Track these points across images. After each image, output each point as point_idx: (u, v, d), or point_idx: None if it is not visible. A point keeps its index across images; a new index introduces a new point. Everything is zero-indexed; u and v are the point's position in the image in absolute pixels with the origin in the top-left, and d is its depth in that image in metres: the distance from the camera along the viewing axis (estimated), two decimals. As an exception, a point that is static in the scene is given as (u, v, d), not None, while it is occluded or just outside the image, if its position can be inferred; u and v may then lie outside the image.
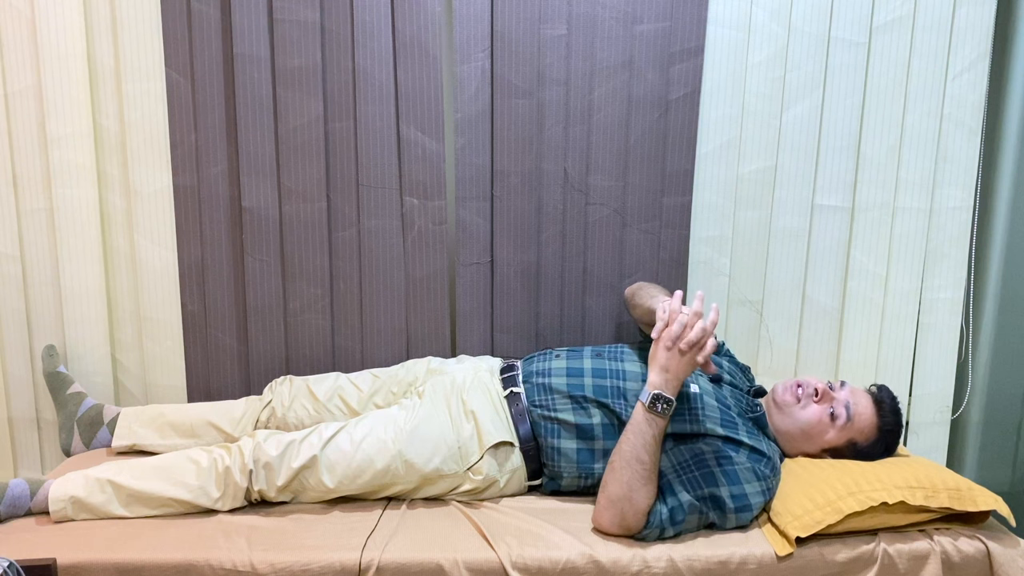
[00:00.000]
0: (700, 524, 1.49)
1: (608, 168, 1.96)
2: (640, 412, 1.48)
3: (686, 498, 1.47)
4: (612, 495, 1.46)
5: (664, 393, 1.46)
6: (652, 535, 1.46)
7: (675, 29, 1.90)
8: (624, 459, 1.46)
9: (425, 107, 1.92)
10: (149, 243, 1.97)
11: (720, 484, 1.48)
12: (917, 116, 1.98)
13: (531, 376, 1.69)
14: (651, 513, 1.46)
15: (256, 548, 1.40)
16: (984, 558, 1.43)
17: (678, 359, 1.47)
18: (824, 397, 1.62)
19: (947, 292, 2.07)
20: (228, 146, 1.93)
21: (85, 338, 1.98)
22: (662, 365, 1.48)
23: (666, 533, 1.46)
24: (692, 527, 1.48)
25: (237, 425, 1.82)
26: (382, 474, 1.55)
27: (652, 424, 1.46)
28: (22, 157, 1.93)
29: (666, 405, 1.46)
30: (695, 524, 1.48)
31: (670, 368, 1.47)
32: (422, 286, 1.99)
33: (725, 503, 1.47)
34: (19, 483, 1.52)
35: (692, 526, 1.48)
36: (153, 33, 1.89)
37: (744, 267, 2.03)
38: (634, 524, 1.45)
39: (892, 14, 1.93)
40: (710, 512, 1.48)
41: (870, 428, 1.62)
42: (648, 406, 1.47)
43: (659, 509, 1.47)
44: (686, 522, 1.47)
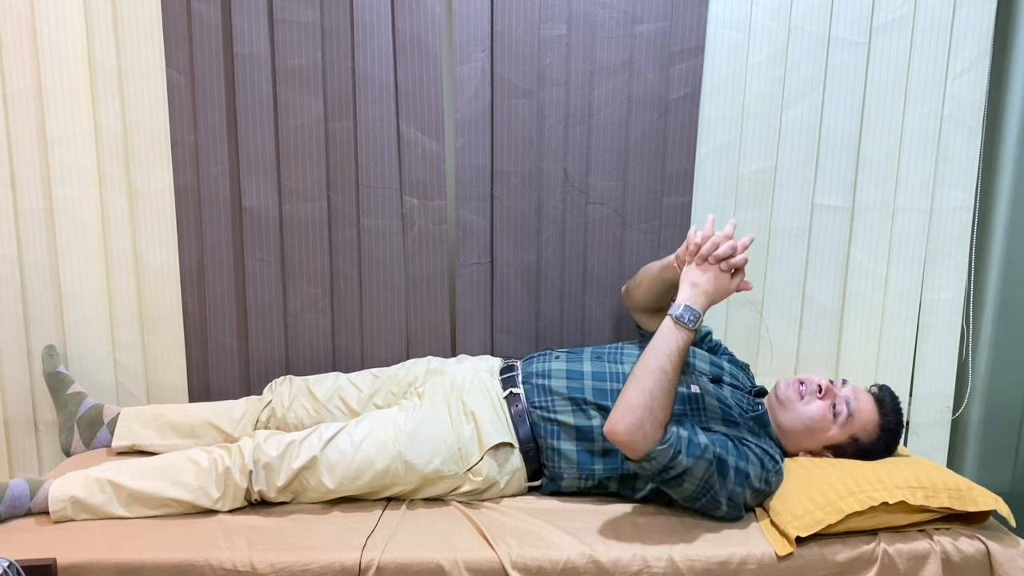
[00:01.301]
0: (702, 482, 1.45)
1: (608, 168, 1.96)
2: (668, 323, 1.48)
3: (704, 439, 1.46)
4: (632, 402, 1.42)
5: (692, 305, 1.47)
6: (664, 454, 1.41)
7: (675, 29, 1.90)
8: (648, 368, 1.44)
9: (425, 107, 1.92)
10: (149, 243, 1.97)
11: (729, 452, 1.48)
12: (917, 116, 1.98)
13: (531, 377, 1.69)
14: (668, 431, 1.43)
15: (256, 548, 1.40)
16: (984, 558, 1.43)
17: (709, 274, 1.50)
18: (827, 393, 1.62)
19: (947, 292, 2.07)
20: (228, 146, 1.93)
21: (85, 338, 1.98)
22: (692, 280, 1.51)
23: (675, 462, 1.42)
24: (696, 478, 1.44)
25: (237, 425, 1.82)
26: (382, 475, 1.55)
27: (678, 336, 1.46)
28: (22, 157, 1.93)
29: (693, 317, 1.47)
30: (699, 476, 1.44)
31: (700, 283, 1.50)
32: (422, 286, 1.99)
33: (728, 472, 1.46)
34: (19, 483, 1.52)
35: (697, 476, 1.44)
36: (153, 33, 1.89)
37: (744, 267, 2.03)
38: (651, 433, 1.41)
39: (892, 14, 1.93)
40: (714, 474, 1.45)
41: (872, 425, 1.62)
42: (676, 318, 1.47)
43: (677, 430, 1.44)
44: (695, 466, 1.43)
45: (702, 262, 1.52)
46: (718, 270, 1.51)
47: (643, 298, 1.81)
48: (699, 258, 1.52)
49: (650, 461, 1.42)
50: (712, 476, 1.46)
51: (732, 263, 1.51)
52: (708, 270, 1.51)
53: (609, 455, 1.59)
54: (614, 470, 1.59)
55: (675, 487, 1.47)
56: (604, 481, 1.61)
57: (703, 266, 1.52)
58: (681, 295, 1.51)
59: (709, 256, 1.51)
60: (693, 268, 1.53)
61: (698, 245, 1.53)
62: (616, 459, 1.59)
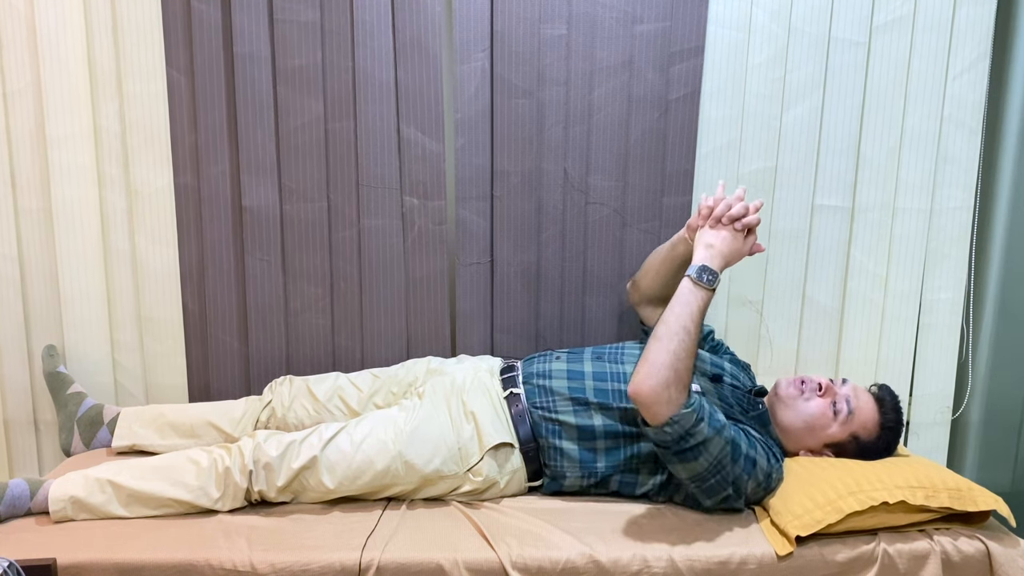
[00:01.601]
0: (715, 460, 1.44)
1: (608, 168, 1.96)
2: (686, 285, 1.49)
3: (723, 417, 1.47)
4: (657, 363, 1.41)
5: (709, 265, 1.49)
6: (687, 419, 1.40)
7: (675, 29, 1.90)
8: (670, 329, 1.44)
9: (425, 107, 1.92)
10: (150, 243, 1.97)
11: (741, 438, 1.49)
12: (917, 116, 1.98)
13: (531, 377, 1.69)
14: (691, 395, 1.43)
15: (256, 548, 1.40)
16: (984, 558, 1.43)
17: (723, 234, 1.53)
18: (827, 392, 1.62)
19: (947, 292, 2.07)
20: (228, 146, 1.93)
21: (85, 338, 1.98)
22: (707, 242, 1.53)
23: (696, 429, 1.41)
24: (712, 454, 1.43)
25: (237, 425, 1.81)
26: (382, 475, 1.55)
27: (698, 296, 1.47)
28: (22, 157, 1.93)
29: (711, 276, 1.48)
30: (715, 453, 1.44)
31: (715, 244, 1.53)
32: (422, 286, 1.99)
33: (739, 457, 1.47)
34: (19, 483, 1.52)
35: (713, 452, 1.43)
36: (153, 33, 1.89)
37: (744, 267, 2.03)
38: (675, 396, 1.41)
39: (892, 14, 1.93)
40: (728, 455, 1.45)
41: (872, 423, 1.62)
42: (695, 278, 1.48)
43: (699, 398, 1.44)
44: (713, 441, 1.43)
45: (716, 223, 1.55)
46: (732, 230, 1.54)
47: (651, 285, 1.80)
48: (712, 219, 1.55)
49: (672, 426, 1.41)
50: (726, 456, 1.46)
51: (745, 222, 1.54)
52: (722, 231, 1.54)
53: (612, 453, 1.59)
54: (616, 467, 1.59)
55: (688, 461, 1.45)
56: (606, 478, 1.61)
57: (716, 227, 1.55)
58: (696, 257, 1.53)
59: (723, 216, 1.54)
60: (707, 231, 1.56)
61: (710, 208, 1.57)
62: (618, 456, 1.59)
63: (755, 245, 1.59)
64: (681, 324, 1.44)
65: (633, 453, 1.58)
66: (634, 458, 1.58)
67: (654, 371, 1.41)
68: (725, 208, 1.55)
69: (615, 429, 1.58)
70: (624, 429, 1.58)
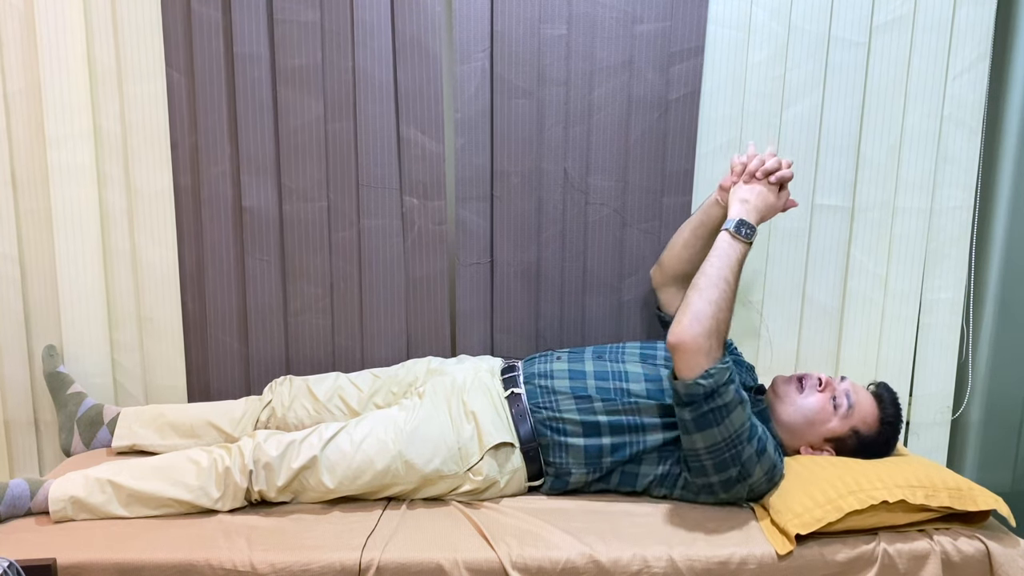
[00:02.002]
0: (734, 433, 1.44)
1: (608, 168, 1.96)
2: (724, 238, 1.51)
3: (745, 395, 1.49)
4: (699, 312, 1.42)
5: (747, 219, 1.51)
6: (722, 374, 1.41)
7: (675, 29, 1.90)
8: (710, 279, 1.45)
9: (425, 107, 1.92)
10: (149, 243, 1.97)
11: (757, 423, 1.51)
12: (917, 116, 1.98)
13: (533, 378, 1.69)
14: (725, 354, 1.45)
15: (256, 548, 1.40)
16: (984, 558, 1.43)
17: (757, 189, 1.56)
18: (827, 387, 1.63)
19: (947, 292, 2.07)
20: (228, 146, 1.93)
21: (85, 338, 1.98)
22: (742, 197, 1.56)
23: (726, 389, 1.41)
24: (733, 425, 1.44)
25: (237, 425, 1.81)
26: (382, 475, 1.55)
27: (736, 248, 1.49)
28: (22, 157, 1.93)
29: (749, 230, 1.50)
30: (735, 424, 1.44)
31: (749, 199, 1.56)
32: (422, 286, 1.99)
33: (754, 438, 1.48)
34: (19, 483, 1.52)
35: (735, 423, 1.44)
36: (153, 33, 1.89)
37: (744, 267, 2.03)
38: (715, 347, 1.42)
39: (892, 14, 1.93)
40: (746, 432, 1.46)
41: (872, 418, 1.63)
42: (733, 231, 1.50)
43: (731, 362, 1.45)
44: (737, 411, 1.43)
45: (750, 178, 1.58)
46: (766, 184, 1.58)
47: (680, 257, 1.80)
48: (747, 174, 1.59)
49: (707, 378, 1.42)
50: (744, 431, 1.46)
51: (780, 175, 1.58)
52: (756, 185, 1.57)
53: (617, 446, 1.58)
54: (621, 460, 1.59)
55: (708, 427, 1.45)
56: (610, 472, 1.60)
57: (751, 183, 1.58)
58: (732, 212, 1.55)
59: (757, 171, 1.57)
60: (741, 186, 1.59)
61: (744, 164, 1.60)
62: (624, 449, 1.58)
63: (789, 200, 1.62)
64: (721, 275, 1.46)
65: (638, 446, 1.58)
66: (639, 451, 1.58)
67: (696, 320, 1.42)
68: (759, 163, 1.58)
69: (620, 423, 1.58)
70: (629, 422, 1.58)
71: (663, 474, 1.59)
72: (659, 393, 1.60)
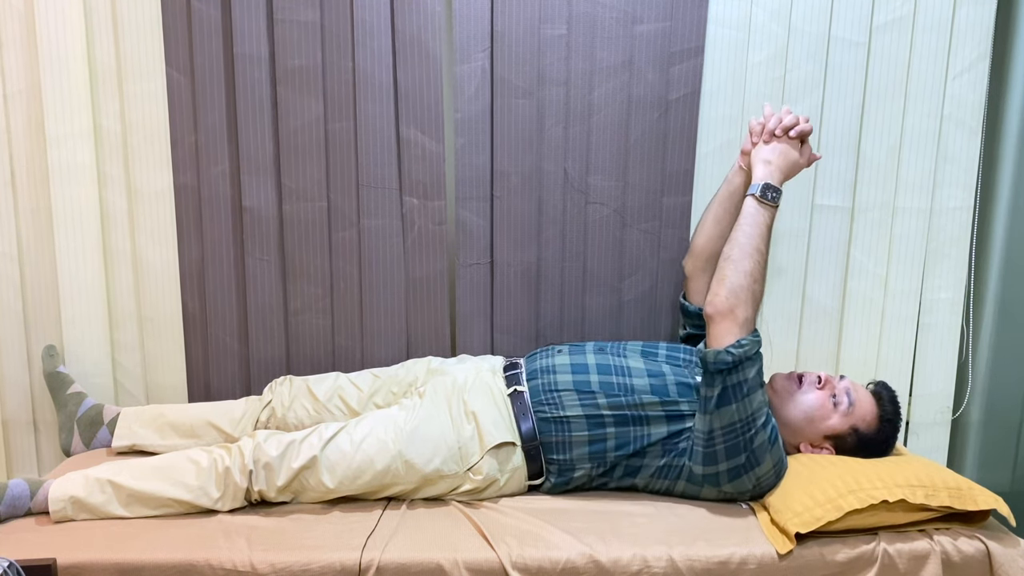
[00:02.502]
0: (750, 414, 1.47)
1: (608, 168, 1.96)
2: (752, 204, 1.51)
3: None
4: (735, 284, 1.44)
5: (771, 182, 1.51)
6: (752, 346, 1.44)
7: (675, 29, 1.90)
8: (743, 250, 1.46)
9: (425, 107, 1.92)
10: (149, 243, 1.97)
11: (771, 416, 1.53)
12: (917, 116, 1.98)
13: (535, 374, 1.68)
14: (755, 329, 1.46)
15: (256, 548, 1.40)
16: (984, 558, 1.43)
17: (779, 147, 1.57)
18: (826, 384, 1.63)
19: (947, 292, 2.07)
20: (228, 146, 1.93)
21: (85, 338, 1.98)
22: (764, 158, 1.57)
23: (753, 363, 1.44)
24: (751, 405, 1.46)
25: (237, 425, 1.81)
26: (382, 474, 1.55)
27: (764, 214, 1.50)
28: (22, 157, 1.93)
29: (775, 193, 1.51)
30: (754, 405, 1.46)
31: (772, 159, 1.57)
32: (422, 286, 1.99)
33: (767, 426, 1.50)
34: (19, 483, 1.52)
35: (753, 402, 1.46)
36: (153, 33, 1.89)
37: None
38: (750, 317, 1.44)
39: (892, 14, 1.93)
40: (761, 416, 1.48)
41: (871, 416, 1.63)
42: (759, 196, 1.50)
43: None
44: (758, 391, 1.46)
45: (770, 137, 1.59)
46: (787, 141, 1.59)
47: (710, 234, 1.79)
48: (766, 133, 1.60)
49: (738, 348, 1.44)
50: (760, 415, 1.48)
51: (799, 129, 1.59)
52: (778, 144, 1.58)
53: (621, 440, 1.58)
54: (625, 454, 1.59)
55: (727, 404, 1.46)
56: (614, 466, 1.60)
57: (771, 142, 1.59)
58: (756, 174, 1.56)
59: (776, 128, 1.58)
60: (762, 147, 1.60)
61: (762, 124, 1.61)
62: (628, 443, 1.58)
63: (812, 154, 1.62)
64: (753, 245, 1.47)
65: (641, 440, 1.58)
66: (643, 445, 1.58)
67: (732, 292, 1.44)
68: (777, 121, 1.59)
69: (624, 416, 1.58)
70: (633, 415, 1.58)
71: (666, 465, 1.58)
72: (662, 388, 1.60)
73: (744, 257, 1.45)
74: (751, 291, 1.43)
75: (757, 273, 1.45)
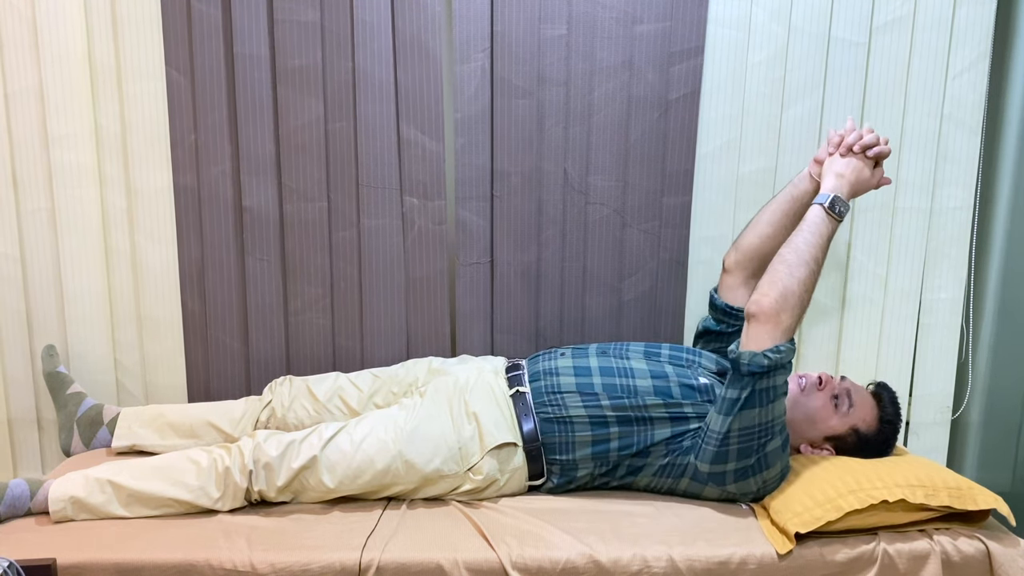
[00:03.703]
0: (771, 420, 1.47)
1: (608, 168, 1.96)
2: (818, 212, 1.50)
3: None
4: (787, 288, 1.43)
5: (841, 195, 1.51)
6: (789, 354, 1.44)
7: (675, 29, 1.90)
8: (800, 257, 1.45)
9: (425, 107, 1.92)
10: (150, 243, 1.97)
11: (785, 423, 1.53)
12: (917, 116, 1.98)
13: (538, 376, 1.68)
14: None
15: (256, 548, 1.40)
16: (984, 558, 1.43)
17: (853, 163, 1.56)
18: (826, 385, 1.63)
19: (947, 292, 2.07)
20: (229, 146, 1.93)
21: (85, 338, 1.98)
22: (837, 171, 1.56)
23: (784, 370, 1.44)
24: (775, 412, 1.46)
25: (237, 425, 1.81)
26: (382, 474, 1.55)
27: (828, 226, 1.49)
28: (22, 157, 1.93)
29: (843, 207, 1.50)
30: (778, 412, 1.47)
31: (845, 173, 1.55)
32: (422, 286, 1.99)
33: (783, 433, 1.51)
34: (19, 483, 1.52)
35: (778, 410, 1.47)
36: (153, 33, 1.89)
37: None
38: (792, 325, 1.44)
39: (892, 14, 1.93)
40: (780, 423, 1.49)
41: (871, 417, 1.63)
42: (827, 207, 1.49)
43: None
44: (781, 401, 1.47)
45: (847, 152, 1.58)
46: (863, 159, 1.58)
47: (761, 234, 1.76)
48: (844, 147, 1.59)
49: (775, 353, 1.43)
50: (778, 422, 1.48)
51: (877, 151, 1.57)
52: (853, 160, 1.57)
53: (625, 439, 1.58)
54: (628, 453, 1.59)
55: (752, 407, 1.46)
56: (617, 465, 1.60)
57: (847, 156, 1.57)
58: (826, 185, 1.55)
59: (855, 144, 1.57)
60: (837, 159, 1.59)
61: (841, 136, 1.59)
62: (631, 445, 1.58)
63: (883, 178, 1.61)
64: (812, 254, 1.46)
65: (645, 440, 1.58)
66: (646, 445, 1.58)
67: (783, 296, 1.43)
68: (857, 136, 1.58)
69: (627, 417, 1.58)
70: (636, 415, 1.58)
71: (669, 464, 1.58)
72: (665, 389, 1.60)
73: (801, 264, 1.44)
74: (800, 300, 1.42)
75: (809, 283, 1.43)
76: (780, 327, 1.43)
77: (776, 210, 1.76)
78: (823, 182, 1.58)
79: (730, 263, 1.84)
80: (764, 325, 1.43)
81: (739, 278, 1.82)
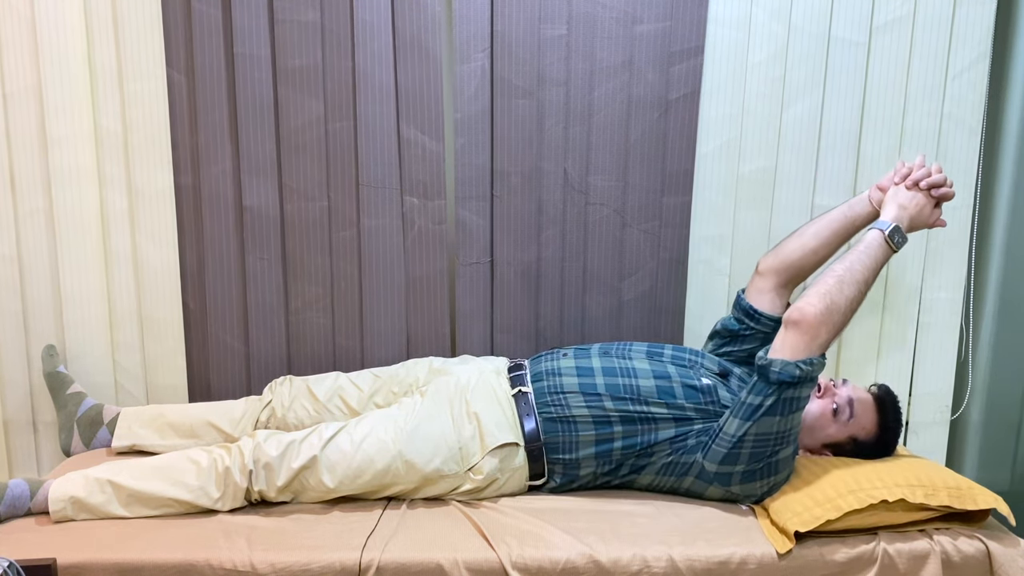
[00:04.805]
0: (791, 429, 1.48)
1: (608, 168, 1.96)
2: (877, 237, 1.51)
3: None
4: (833, 303, 1.43)
5: (902, 227, 1.52)
6: (819, 367, 1.44)
7: (675, 29, 1.90)
8: (853, 275, 1.46)
9: (425, 107, 1.92)
10: (150, 243, 1.97)
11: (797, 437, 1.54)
12: (917, 116, 1.98)
13: (540, 376, 1.68)
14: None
15: (256, 548, 1.40)
16: (984, 558, 1.43)
17: (917, 198, 1.57)
18: (826, 392, 1.63)
19: (947, 292, 2.07)
20: (229, 146, 1.93)
21: (85, 338, 1.98)
22: (901, 203, 1.57)
23: (810, 383, 1.45)
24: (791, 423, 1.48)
25: (237, 425, 1.81)
26: (382, 474, 1.55)
27: (884, 252, 1.50)
28: (22, 157, 1.93)
29: (901, 239, 1.52)
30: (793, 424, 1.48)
31: (908, 206, 1.57)
32: (422, 286, 1.99)
33: (796, 443, 1.52)
34: (19, 483, 1.52)
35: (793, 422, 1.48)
36: (153, 33, 1.89)
37: (744, 267, 2.03)
38: (829, 340, 1.44)
39: (892, 14, 1.93)
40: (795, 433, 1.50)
41: (872, 425, 1.62)
42: (888, 235, 1.50)
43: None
44: (799, 413, 1.47)
45: (913, 185, 1.58)
46: (927, 196, 1.59)
47: (805, 246, 1.74)
48: (911, 180, 1.59)
49: (806, 365, 1.43)
50: (794, 433, 1.49)
51: (943, 192, 1.59)
52: (918, 194, 1.58)
53: (628, 438, 1.58)
54: (631, 452, 1.59)
55: (773, 415, 1.46)
56: (620, 464, 1.60)
57: (913, 190, 1.58)
58: (888, 214, 1.56)
59: (922, 180, 1.58)
60: (902, 191, 1.59)
61: (910, 169, 1.60)
62: (635, 444, 1.58)
63: (939, 219, 1.62)
64: (864, 276, 1.47)
65: (649, 440, 1.58)
66: (650, 444, 1.58)
67: (828, 310, 1.43)
68: (925, 173, 1.59)
69: (631, 416, 1.58)
70: (640, 415, 1.58)
71: (673, 463, 1.58)
72: (668, 390, 1.60)
73: (852, 283, 1.44)
74: (844, 318, 1.42)
75: (855, 304, 1.44)
76: (817, 340, 1.43)
77: (826, 227, 1.75)
78: (884, 210, 1.59)
79: (764, 267, 1.81)
80: (803, 336, 1.42)
81: (770, 282, 1.79)
